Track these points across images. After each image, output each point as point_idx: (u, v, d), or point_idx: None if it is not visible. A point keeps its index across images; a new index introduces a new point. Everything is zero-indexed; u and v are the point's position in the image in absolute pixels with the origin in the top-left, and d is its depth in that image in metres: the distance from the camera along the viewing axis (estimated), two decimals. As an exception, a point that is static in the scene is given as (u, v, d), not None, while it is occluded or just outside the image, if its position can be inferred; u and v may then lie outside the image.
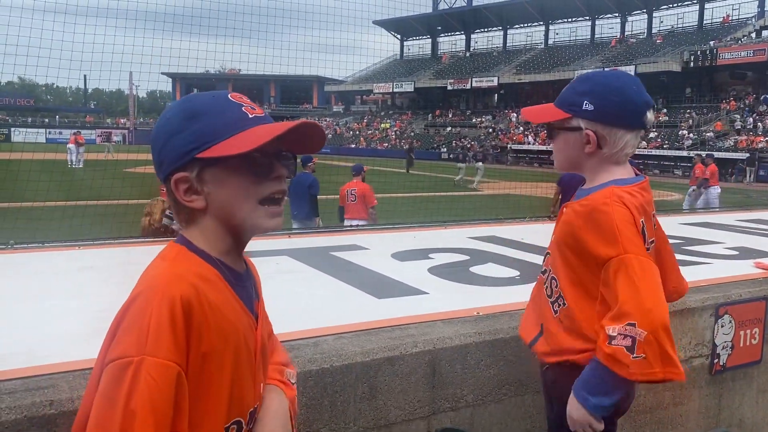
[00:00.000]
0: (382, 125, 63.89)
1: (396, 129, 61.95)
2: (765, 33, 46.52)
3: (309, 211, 8.93)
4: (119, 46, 13.50)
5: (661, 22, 56.70)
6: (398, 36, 74.79)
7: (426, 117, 63.78)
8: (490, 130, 53.92)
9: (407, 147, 42.01)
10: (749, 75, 44.79)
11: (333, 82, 75.24)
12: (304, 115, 76.44)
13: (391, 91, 68.53)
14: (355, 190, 9.22)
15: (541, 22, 63.65)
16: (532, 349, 2.13)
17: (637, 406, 2.28)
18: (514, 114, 55.16)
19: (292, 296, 3.09)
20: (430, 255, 4.16)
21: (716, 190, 15.76)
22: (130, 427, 1.02)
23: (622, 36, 57.38)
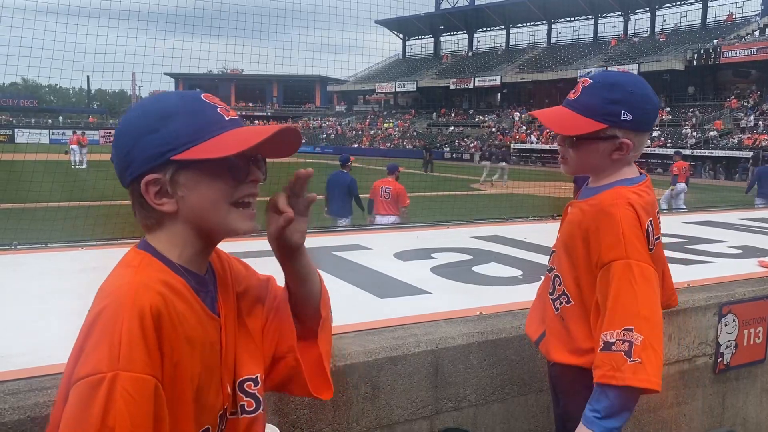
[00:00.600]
0: (385, 125, 63.88)
1: (398, 128, 61.93)
2: (768, 31, 46.37)
3: (345, 208, 9.59)
4: (122, 47, 13.53)
5: (664, 20, 56.58)
6: (401, 35, 74.75)
7: (428, 116, 63.75)
8: (493, 129, 53.86)
9: (424, 147, 41.44)
10: (753, 73, 44.65)
11: (335, 82, 75.24)
12: (307, 116, 76.52)
13: (394, 90, 68.49)
14: (390, 189, 9.55)
15: (544, 21, 63.54)
16: (538, 347, 2.13)
17: (641, 406, 2.28)
18: (517, 113, 55.11)
19: (294, 296, 3.09)
20: (433, 255, 4.15)
21: (681, 186, 16.12)
22: None
23: (625, 35, 57.26)
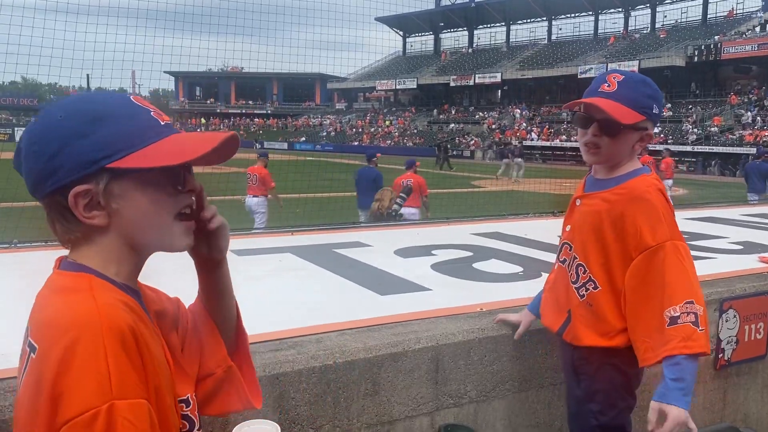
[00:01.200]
0: (386, 122, 63.83)
1: (398, 126, 61.88)
2: (769, 27, 46.28)
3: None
4: (121, 45, 13.52)
5: (665, 16, 56.54)
6: (401, 32, 74.71)
7: (429, 114, 63.70)
8: (493, 126, 53.80)
9: (441, 145, 41.19)
10: (754, 69, 44.62)
11: (335, 80, 75.24)
12: (307, 113, 76.47)
13: (394, 88, 68.48)
14: (411, 181, 10.11)
15: (544, 18, 63.48)
16: (562, 337, 2.20)
17: (641, 402, 2.28)
18: (518, 110, 55.05)
19: (294, 293, 3.09)
20: (433, 251, 4.15)
21: (668, 182, 16.79)
22: None
23: (626, 32, 57.16)
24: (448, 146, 43.00)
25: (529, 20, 65.51)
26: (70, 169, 1.02)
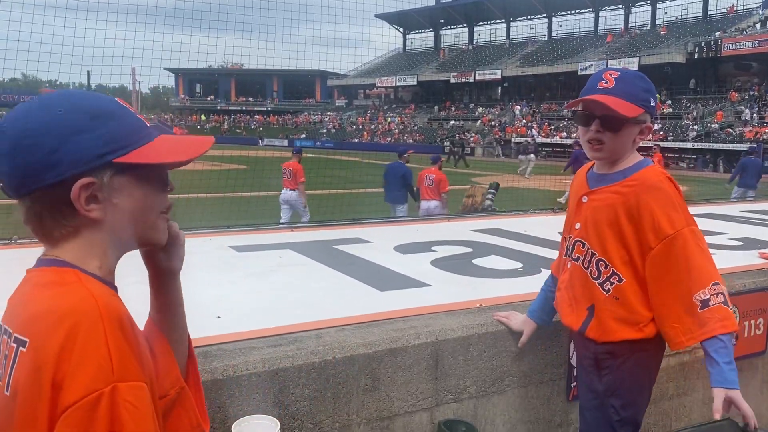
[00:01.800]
0: (387, 119, 63.76)
1: (399, 123, 61.83)
2: (770, 23, 46.19)
3: (401, 196, 10.87)
4: (121, 41, 13.51)
5: (665, 13, 56.39)
6: (401, 29, 74.54)
7: (429, 111, 63.65)
8: (493, 123, 53.76)
9: (457, 143, 40.92)
10: (754, 66, 44.53)
11: (336, 77, 75.10)
12: (307, 110, 76.42)
13: (394, 84, 68.36)
14: (433, 177, 10.73)
15: (545, 15, 63.36)
16: (585, 334, 2.19)
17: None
18: (518, 107, 54.99)
19: (294, 289, 3.09)
20: (433, 248, 4.15)
21: None
22: None
23: (626, 29, 57.07)
24: (464, 143, 42.60)
25: (530, 17, 65.35)
26: (74, 162, 1.03)
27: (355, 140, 56.78)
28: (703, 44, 44.41)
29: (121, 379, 0.94)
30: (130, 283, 1.38)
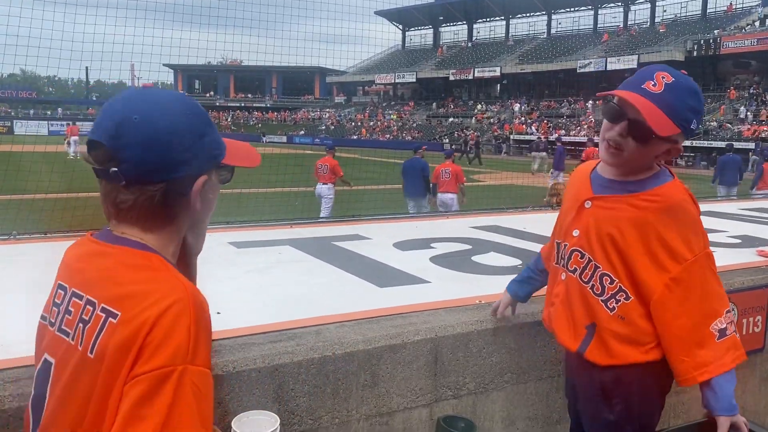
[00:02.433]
0: (391, 116, 63.65)
1: (398, 120, 61.79)
2: (769, 21, 46.19)
3: (421, 190, 11.31)
4: (120, 37, 13.46)
5: (665, 11, 56.42)
6: (400, 26, 74.48)
7: (428, 108, 63.61)
8: (492, 120, 53.75)
9: (473, 141, 40.55)
10: (753, 64, 44.57)
11: (335, 73, 75.04)
12: (306, 107, 76.33)
13: (393, 81, 68.34)
14: (449, 170, 11.39)
15: (544, 12, 63.33)
16: (584, 356, 1.97)
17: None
18: (518, 104, 54.97)
19: (294, 285, 3.09)
20: (432, 244, 4.16)
21: None
22: None
23: (624, 27, 57.03)
24: (480, 141, 42.30)
25: (529, 14, 65.35)
26: (203, 160, 1.20)
27: (354, 137, 56.72)
28: (702, 42, 44.44)
29: (193, 363, 1.06)
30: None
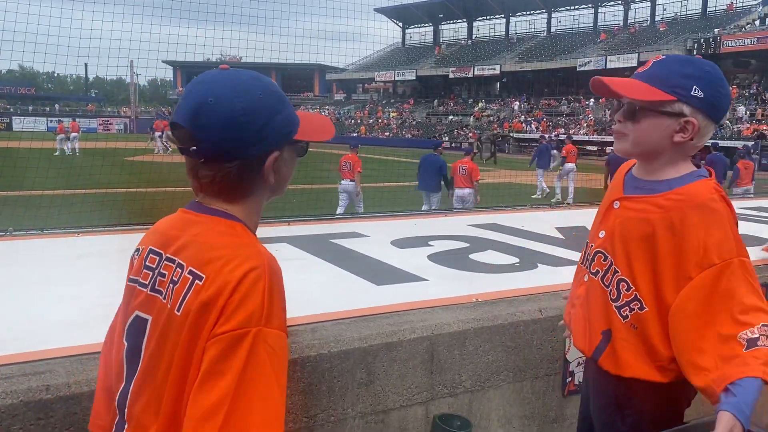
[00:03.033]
0: (392, 113, 63.60)
1: (397, 117, 61.78)
2: (769, 20, 46.20)
3: (435, 186, 11.90)
4: (118, 33, 13.41)
5: (665, 9, 56.38)
6: (400, 24, 74.38)
7: (428, 105, 63.58)
8: (491, 118, 53.74)
9: (479, 138, 40.40)
10: (753, 63, 44.56)
11: (334, 71, 74.93)
12: (305, 104, 76.27)
13: (393, 79, 68.27)
14: (466, 167, 11.94)
15: (544, 10, 63.26)
16: (597, 363, 1.87)
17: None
18: (517, 102, 54.96)
19: (290, 282, 3.06)
20: (430, 242, 4.15)
21: (569, 166, 18.26)
22: (246, 392, 1.10)
23: (618, 28, 57.01)
24: (499, 139, 41.98)
25: (529, 12, 65.29)
26: (276, 138, 1.26)
27: (354, 134, 56.70)
28: (702, 41, 44.40)
29: (268, 325, 1.13)
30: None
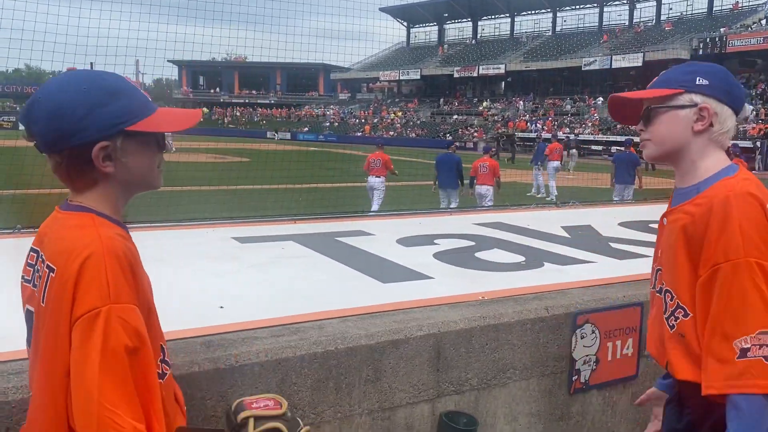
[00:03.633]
0: (392, 115, 63.57)
1: (402, 117, 61.73)
2: (775, 20, 46.01)
3: (454, 182, 12.62)
4: (125, 32, 13.43)
5: (670, 9, 56.20)
6: (404, 23, 74.35)
7: (432, 105, 63.54)
8: (496, 118, 53.67)
9: (495, 137, 40.21)
10: (759, 62, 44.38)
11: (339, 70, 74.93)
12: (310, 103, 76.32)
13: (398, 78, 68.25)
14: (487, 165, 12.75)
15: (549, 9, 63.14)
16: (666, 369, 1.89)
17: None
18: (522, 102, 54.88)
19: (297, 280, 3.10)
20: (436, 241, 4.15)
21: (554, 164, 18.82)
22: (112, 363, 1.22)
23: (620, 29, 56.83)
24: (516, 137, 41.92)
25: (534, 12, 65.17)
26: (97, 129, 1.33)
27: (358, 134, 56.69)
28: (708, 40, 44.26)
29: (117, 302, 1.25)
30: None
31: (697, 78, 1.75)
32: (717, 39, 43.81)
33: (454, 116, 57.95)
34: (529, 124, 48.66)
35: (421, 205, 11.53)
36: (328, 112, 70.50)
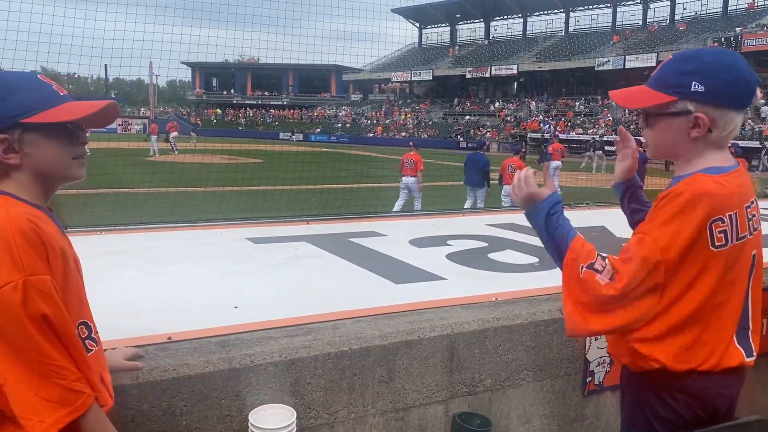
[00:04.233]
0: (402, 116, 63.56)
1: (413, 117, 61.70)
2: (792, 19, 45.49)
3: (481, 181, 13.19)
4: (139, 34, 13.54)
5: (684, 8, 55.76)
6: (417, 24, 74.33)
7: (444, 106, 63.47)
8: (509, 118, 53.51)
9: (513, 138, 40.17)
10: (775, 62, 43.93)
11: (351, 71, 75.02)
12: (322, 105, 76.47)
13: (410, 79, 68.25)
14: (515, 165, 12.97)
15: (562, 9, 62.86)
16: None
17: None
18: (534, 102, 54.67)
19: (310, 281, 3.11)
20: (449, 242, 4.15)
21: (555, 163, 19.19)
22: (40, 329, 1.33)
23: (630, 33, 56.44)
24: (516, 139, 41.90)
25: (547, 12, 64.92)
26: None
27: (370, 135, 56.73)
28: (723, 40, 43.83)
29: (31, 274, 1.34)
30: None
31: (693, 83, 1.68)
32: (732, 39, 43.39)
33: (467, 117, 57.83)
34: (541, 124, 48.43)
35: (433, 206, 11.53)
36: (340, 113, 70.59)
